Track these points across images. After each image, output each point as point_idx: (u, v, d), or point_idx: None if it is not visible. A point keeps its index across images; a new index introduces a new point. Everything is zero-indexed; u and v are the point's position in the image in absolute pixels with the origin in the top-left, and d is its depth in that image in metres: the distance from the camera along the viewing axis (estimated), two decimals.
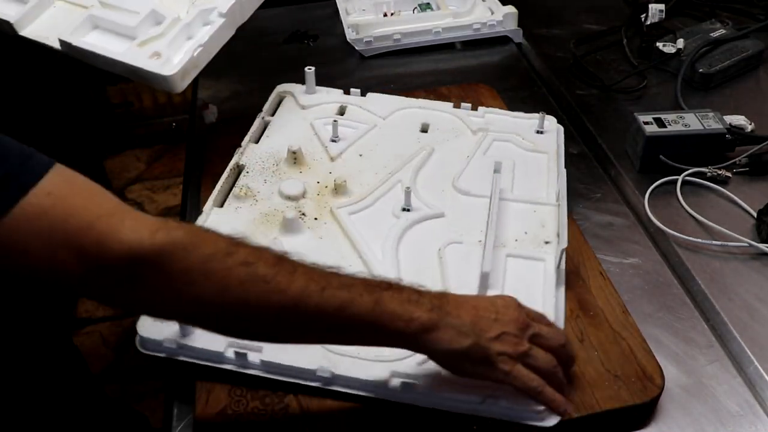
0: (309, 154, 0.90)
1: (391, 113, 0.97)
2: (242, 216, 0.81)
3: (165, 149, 2.40)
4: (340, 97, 1.00)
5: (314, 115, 0.96)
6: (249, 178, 0.86)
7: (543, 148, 0.91)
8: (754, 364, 0.69)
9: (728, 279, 0.77)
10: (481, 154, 0.90)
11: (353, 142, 0.91)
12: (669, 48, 1.09)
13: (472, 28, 1.19)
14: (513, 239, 0.78)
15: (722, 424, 0.65)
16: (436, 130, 0.94)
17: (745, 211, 0.85)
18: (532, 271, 0.74)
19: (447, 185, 0.85)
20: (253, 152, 0.90)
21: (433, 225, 0.80)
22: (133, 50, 0.80)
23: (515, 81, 1.13)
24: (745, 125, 0.95)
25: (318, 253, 0.70)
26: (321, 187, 0.85)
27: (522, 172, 0.87)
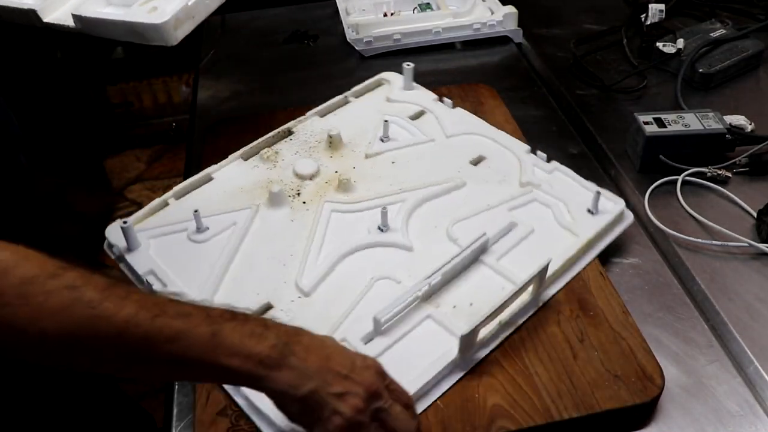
0: (352, 144, 0.91)
1: (459, 134, 0.93)
2: (253, 175, 0.87)
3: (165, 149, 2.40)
4: (426, 102, 0.98)
5: (394, 110, 0.97)
6: (286, 144, 0.91)
7: (580, 231, 0.77)
8: (754, 364, 0.69)
9: (728, 279, 0.77)
10: (506, 209, 0.81)
11: (396, 148, 0.91)
12: (669, 48, 1.09)
13: (472, 28, 1.19)
14: (451, 305, 0.70)
15: (722, 424, 0.65)
16: (486, 167, 0.87)
17: (745, 211, 0.84)
18: (434, 346, 0.66)
19: (443, 225, 0.79)
20: (311, 124, 0.94)
21: (392, 254, 0.76)
22: (133, 10, 0.80)
23: (515, 81, 1.13)
24: (745, 125, 0.95)
25: (275, 234, 0.79)
26: (333, 177, 0.86)
27: (531, 245, 0.77)
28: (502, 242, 0.77)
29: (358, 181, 0.85)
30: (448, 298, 0.72)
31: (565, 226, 0.79)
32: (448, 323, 0.68)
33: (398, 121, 0.95)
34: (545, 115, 1.05)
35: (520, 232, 0.78)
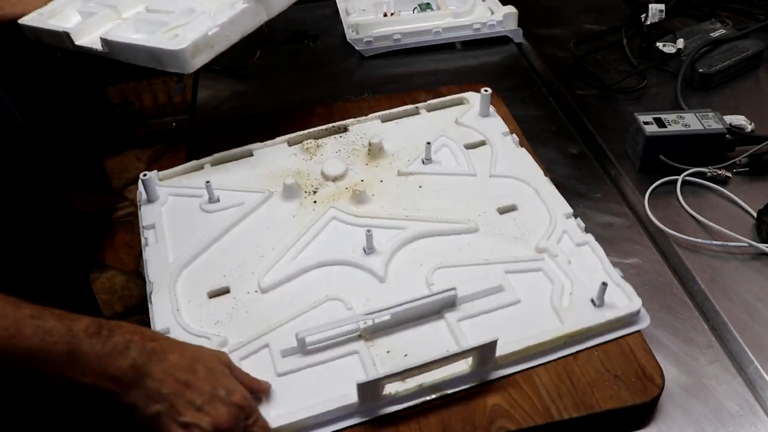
0: (394, 157, 0.89)
1: (504, 176, 0.85)
2: (287, 162, 0.89)
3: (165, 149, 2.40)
4: (492, 133, 0.91)
5: (456, 133, 0.92)
6: (334, 140, 0.92)
7: (568, 319, 0.68)
8: (754, 364, 0.69)
9: (728, 279, 0.77)
10: (504, 270, 0.73)
11: (431, 173, 0.86)
12: (669, 48, 1.09)
13: (472, 28, 1.19)
14: (386, 349, 0.67)
15: (722, 424, 0.65)
16: (512, 219, 0.79)
17: (745, 211, 0.84)
18: (346, 384, 0.62)
19: (428, 266, 0.74)
20: (368, 126, 0.94)
21: (362, 279, 0.73)
22: (156, 36, 0.83)
23: (515, 81, 1.13)
24: (745, 125, 0.95)
25: (273, 224, 0.80)
26: (355, 184, 0.85)
27: (507, 317, 0.69)
28: (477, 303, 0.70)
29: (376, 195, 0.83)
30: (389, 341, 0.67)
31: (555, 309, 0.69)
32: (369, 366, 0.64)
33: (452, 146, 0.90)
34: (545, 115, 1.05)
35: (502, 298, 0.70)
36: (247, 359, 0.67)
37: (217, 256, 0.78)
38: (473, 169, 0.86)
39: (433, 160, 0.88)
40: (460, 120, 0.93)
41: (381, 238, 0.77)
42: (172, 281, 0.74)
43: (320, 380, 0.65)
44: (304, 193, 0.84)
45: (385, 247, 0.76)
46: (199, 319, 0.71)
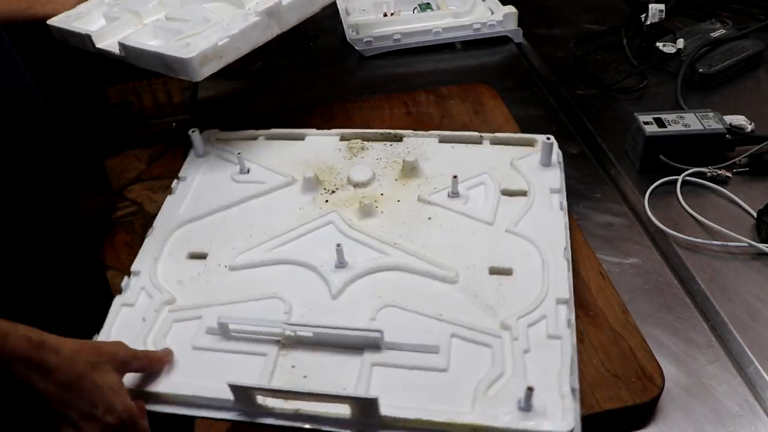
0: (426, 181, 0.84)
1: (522, 237, 0.77)
2: (327, 154, 0.90)
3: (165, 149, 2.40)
4: (539, 186, 0.82)
5: (503, 175, 0.84)
6: (382, 147, 0.90)
7: (470, 411, 0.60)
8: (754, 364, 0.69)
9: (728, 279, 0.77)
10: (450, 333, 0.67)
11: (447, 208, 0.80)
12: (669, 48, 1.09)
13: (472, 28, 1.19)
14: (292, 364, 0.65)
15: (722, 425, 0.65)
16: (497, 284, 0.72)
17: (745, 211, 0.84)
18: (243, 378, 0.63)
19: (387, 300, 0.70)
20: (423, 142, 0.90)
21: (318, 288, 0.72)
22: (169, 44, 0.85)
23: (515, 81, 1.13)
24: (745, 125, 0.95)
25: (279, 210, 0.82)
26: (373, 196, 0.82)
27: (419, 379, 0.64)
28: (403, 355, 0.65)
29: (384, 213, 0.80)
30: (301, 357, 0.66)
31: (476, 394, 0.61)
32: (265, 373, 0.64)
33: (490, 187, 0.83)
34: (545, 115, 1.05)
35: (430, 360, 0.64)
36: (179, 323, 0.70)
37: (217, 222, 0.82)
38: (494, 218, 0.79)
39: (461, 195, 0.81)
40: (516, 162, 0.85)
41: (359, 257, 0.75)
42: (168, 232, 0.80)
43: (224, 366, 0.66)
44: (322, 190, 0.84)
45: (358, 267, 0.74)
46: (167, 273, 0.76)
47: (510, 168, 0.85)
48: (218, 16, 0.90)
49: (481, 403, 0.60)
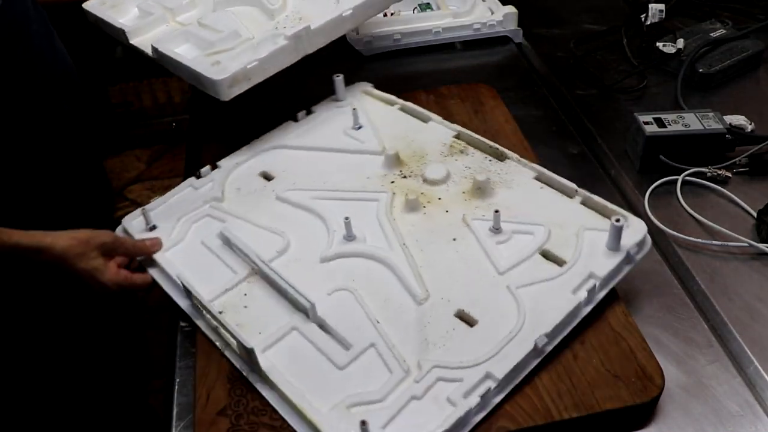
0: (487, 206, 0.80)
1: (512, 298, 0.70)
2: (430, 144, 0.90)
3: (165, 149, 2.40)
4: (582, 265, 0.72)
5: (565, 234, 0.76)
6: (481, 158, 0.87)
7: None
8: (754, 364, 0.69)
9: (728, 279, 0.77)
10: (369, 341, 0.67)
11: (475, 236, 0.77)
12: (669, 48, 1.09)
13: (472, 28, 1.19)
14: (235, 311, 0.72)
15: (722, 425, 0.65)
16: (451, 327, 0.68)
17: (745, 211, 0.84)
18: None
19: (354, 285, 0.72)
20: (519, 171, 0.84)
21: (315, 246, 0.77)
22: (201, 58, 0.88)
23: (515, 81, 1.13)
24: (745, 125, 0.95)
25: (350, 171, 0.87)
26: (429, 197, 0.82)
27: (324, 369, 0.66)
28: (318, 332, 0.68)
29: (422, 217, 0.79)
30: (255, 290, 0.74)
31: (338, 400, 0.62)
32: (226, 288, 0.74)
33: (535, 239, 0.75)
34: (545, 115, 1.05)
35: (335, 351, 0.67)
36: (208, 219, 0.82)
37: (304, 157, 0.90)
38: (507, 270, 0.73)
39: (503, 232, 0.76)
40: (583, 232, 0.75)
41: (369, 240, 0.77)
42: (264, 149, 0.91)
43: (208, 267, 0.76)
44: (398, 171, 0.86)
45: (358, 247, 0.77)
46: (237, 178, 0.88)
47: (573, 233, 0.75)
48: (248, 28, 0.93)
49: (339, 413, 0.61)
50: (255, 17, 0.97)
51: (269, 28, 0.93)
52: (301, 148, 0.91)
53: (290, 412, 0.64)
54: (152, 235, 0.80)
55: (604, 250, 0.73)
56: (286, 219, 0.81)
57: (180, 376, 0.72)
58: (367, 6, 0.94)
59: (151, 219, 0.82)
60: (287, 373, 0.65)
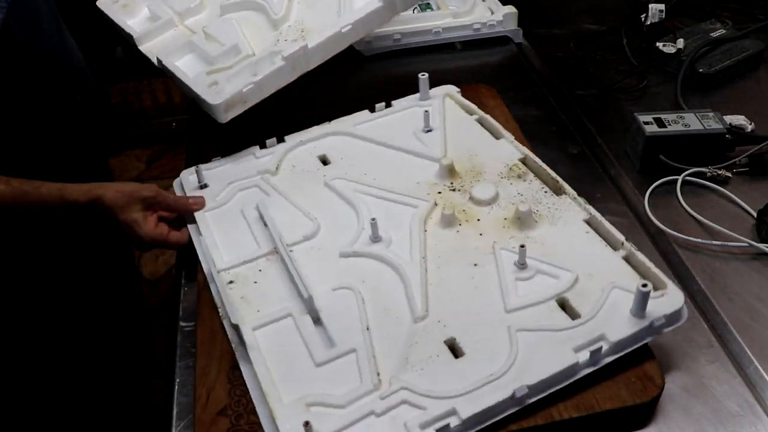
0: (526, 240, 0.75)
1: (507, 338, 0.67)
2: (492, 161, 0.86)
3: (165, 149, 2.40)
4: (591, 330, 0.66)
5: (587, 287, 0.71)
6: (539, 189, 0.82)
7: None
8: (754, 364, 0.69)
9: (728, 279, 0.77)
10: (354, 358, 0.66)
11: (498, 267, 0.73)
12: (669, 48, 1.09)
13: (472, 28, 1.19)
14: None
15: (722, 425, 0.65)
16: (438, 355, 0.66)
17: (745, 211, 0.84)
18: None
19: (360, 286, 0.72)
20: (571, 209, 0.78)
21: (339, 244, 0.76)
22: (200, 77, 0.90)
23: (515, 81, 1.13)
24: (745, 125, 0.95)
25: (404, 171, 0.86)
26: (468, 215, 0.79)
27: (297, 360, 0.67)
28: (310, 324, 0.69)
29: (457, 234, 0.76)
30: (270, 269, 0.75)
31: (302, 393, 0.63)
32: (245, 260, 0.77)
33: (558, 284, 0.70)
34: (545, 115, 1.05)
35: (318, 345, 0.67)
36: (254, 190, 0.85)
37: (366, 149, 0.90)
38: (516, 310, 0.68)
39: (527, 268, 0.72)
40: (611, 290, 0.69)
41: (394, 245, 0.76)
42: (338, 132, 0.92)
43: (238, 236, 0.80)
44: (448, 182, 0.84)
45: (379, 250, 0.75)
46: (297, 157, 0.89)
47: (601, 288, 0.69)
48: (250, 41, 0.94)
49: (298, 408, 0.61)
50: (259, 25, 0.97)
51: (271, 40, 0.93)
52: (366, 140, 0.91)
53: (258, 393, 0.64)
54: (201, 194, 0.84)
55: (628, 315, 0.66)
56: (324, 206, 0.82)
57: (180, 376, 0.72)
58: (366, 21, 0.93)
59: (203, 178, 0.86)
60: (268, 355, 0.66)
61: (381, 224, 0.77)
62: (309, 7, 0.98)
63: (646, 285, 0.64)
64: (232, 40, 0.94)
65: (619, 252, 0.73)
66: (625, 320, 0.66)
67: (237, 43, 0.93)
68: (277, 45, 0.92)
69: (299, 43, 0.90)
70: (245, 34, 0.96)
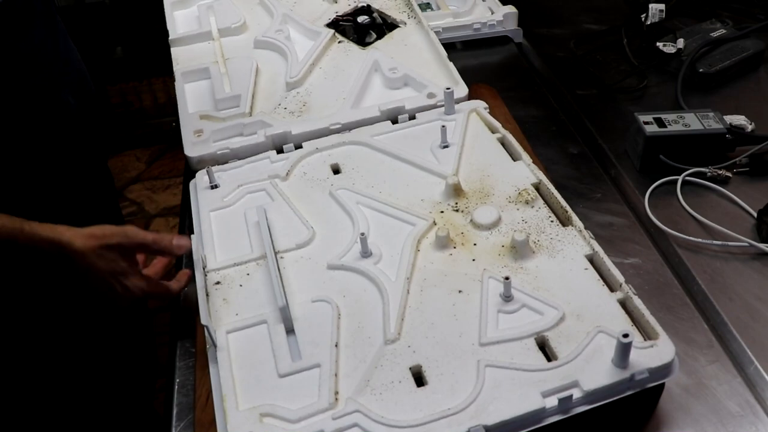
0: (519, 270, 0.72)
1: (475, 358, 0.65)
2: (502, 183, 0.82)
3: (165, 149, 2.40)
4: (562, 375, 0.63)
5: (577, 328, 0.67)
6: (547, 219, 0.77)
7: None
8: (754, 364, 0.69)
9: (728, 279, 0.77)
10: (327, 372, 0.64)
11: (483, 306, 0.69)
12: (669, 48, 1.09)
13: (472, 28, 1.19)
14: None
15: (722, 425, 0.65)
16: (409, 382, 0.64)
17: (745, 211, 0.84)
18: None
19: (338, 300, 0.70)
20: (575, 243, 0.74)
21: (327, 256, 0.75)
22: (192, 118, 0.94)
23: (515, 81, 1.13)
24: (746, 125, 0.95)
25: (411, 185, 0.83)
26: (465, 237, 0.76)
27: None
28: (281, 333, 0.68)
29: (449, 257, 0.73)
30: (256, 273, 0.75)
31: (256, 404, 0.62)
32: (236, 261, 0.76)
33: (542, 322, 0.67)
34: (545, 115, 1.05)
35: (284, 357, 0.66)
36: (260, 194, 0.85)
37: (377, 160, 0.87)
38: (492, 344, 0.65)
39: (513, 301, 0.68)
40: (597, 334, 0.64)
41: (383, 263, 0.74)
42: (353, 141, 0.90)
43: (234, 236, 0.79)
44: (451, 201, 0.80)
45: (366, 267, 0.73)
46: (312, 164, 0.88)
47: (586, 331, 0.65)
48: (253, 96, 0.97)
49: (251, 417, 0.61)
50: (275, 78, 1.01)
51: (275, 100, 0.97)
52: (381, 151, 0.88)
53: (218, 396, 0.63)
54: (211, 194, 0.83)
55: (609, 363, 0.62)
56: (323, 216, 0.81)
57: (180, 376, 0.72)
58: (355, 126, 0.92)
59: (214, 178, 0.85)
60: (236, 360, 0.66)
61: (375, 240, 0.76)
62: (325, 80, 1.00)
63: (627, 335, 0.59)
64: (241, 88, 0.97)
65: (616, 294, 0.68)
66: (604, 369, 0.61)
67: (241, 95, 0.96)
68: (276, 110, 0.95)
69: (287, 123, 0.92)
70: (257, 82, 1.00)
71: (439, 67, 1.00)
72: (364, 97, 0.97)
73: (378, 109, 0.93)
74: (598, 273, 0.70)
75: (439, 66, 1.00)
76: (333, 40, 1.06)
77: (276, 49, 1.05)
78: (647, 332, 0.65)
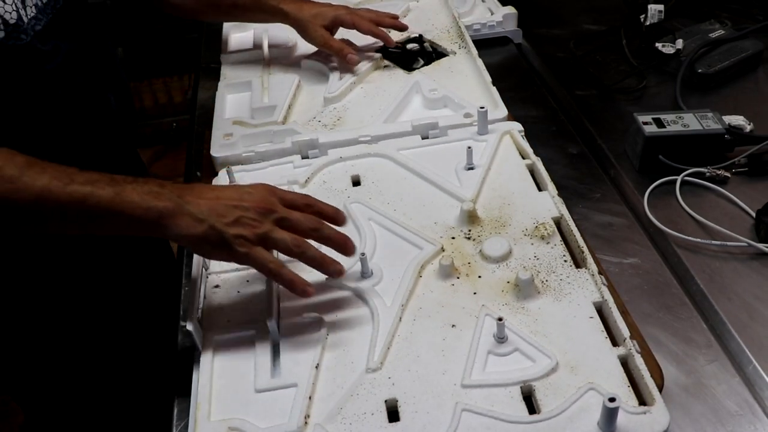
0: (520, 310, 0.69)
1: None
2: (523, 214, 0.79)
3: (165, 149, 2.40)
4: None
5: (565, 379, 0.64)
6: (560, 258, 0.73)
7: None
8: (753, 364, 0.69)
9: (727, 279, 0.77)
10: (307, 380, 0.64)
11: (473, 343, 0.67)
12: (668, 48, 1.09)
13: (472, 29, 1.19)
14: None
15: (722, 424, 0.65)
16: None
17: (744, 211, 0.85)
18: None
19: (328, 317, 0.69)
20: (582, 285, 0.70)
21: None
22: (225, 122, 0.95)
23: (515, 81, 1.13)
24: (744, 125, 0.95)
25: (425, 206, 0.81)
26: (470, 268, 0.73)
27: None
28: (263, 342, 0.67)
29: (451, 287, 0.71)
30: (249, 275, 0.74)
31: (226, 417, 0.62)
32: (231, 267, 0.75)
33: (535, 368, 0.63)
34: (545, 115, 1.05)
35: (264, 369, 0.65)
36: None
37: (397, 177, 0.86)
38: (473, 381, 0.63)
39: (507, 343, 0.65)
40: (587, 392, 0.61)
41: (382, 284, 0.72)
42: (376, 154, 0.89)
43: None
44: (465, 228, 0.77)
45: (364, 287, 0.71)
46: (330, 174, 0.87)
47: (578, 386, 0.61)
48: (290, 106, 0.98)
49: (219, 429, 0.61)
50: (318, 90, 1.01)
51: (312, 113, 0.97)
52: (403, 167, 0.86)
53: (194, 402, 0.63)
54: None
55: (594, 426, 0.58)
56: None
57: None
58: (384, 139, 0.91)
59: (234, 179, 0.84)
60: (217, 367, 0.66)
61: (379, 260, 0.74)
62: (364, 98, 1.00)
63: (613, 399, 0.55)
64: (277, 100, 0.98)
65: (618, 349, 0.64)
66: (589, 430, 0.57)
67: (277, 105, 0.97)
68: (310, 122, 0.95)
69: (316, 133, 0.91)
70: (296, 96, 1.00)
71: (482, 92, 0.98)
72: (401, 115, 0.96)
73: (410, 124, 0.91)
74: (604, 323, 0.66)
75: (483, 91, 0.98)
76: (378, 63, 1.06)
77: (320, 69, 1.06)
78: (643, 396, 0.60)
